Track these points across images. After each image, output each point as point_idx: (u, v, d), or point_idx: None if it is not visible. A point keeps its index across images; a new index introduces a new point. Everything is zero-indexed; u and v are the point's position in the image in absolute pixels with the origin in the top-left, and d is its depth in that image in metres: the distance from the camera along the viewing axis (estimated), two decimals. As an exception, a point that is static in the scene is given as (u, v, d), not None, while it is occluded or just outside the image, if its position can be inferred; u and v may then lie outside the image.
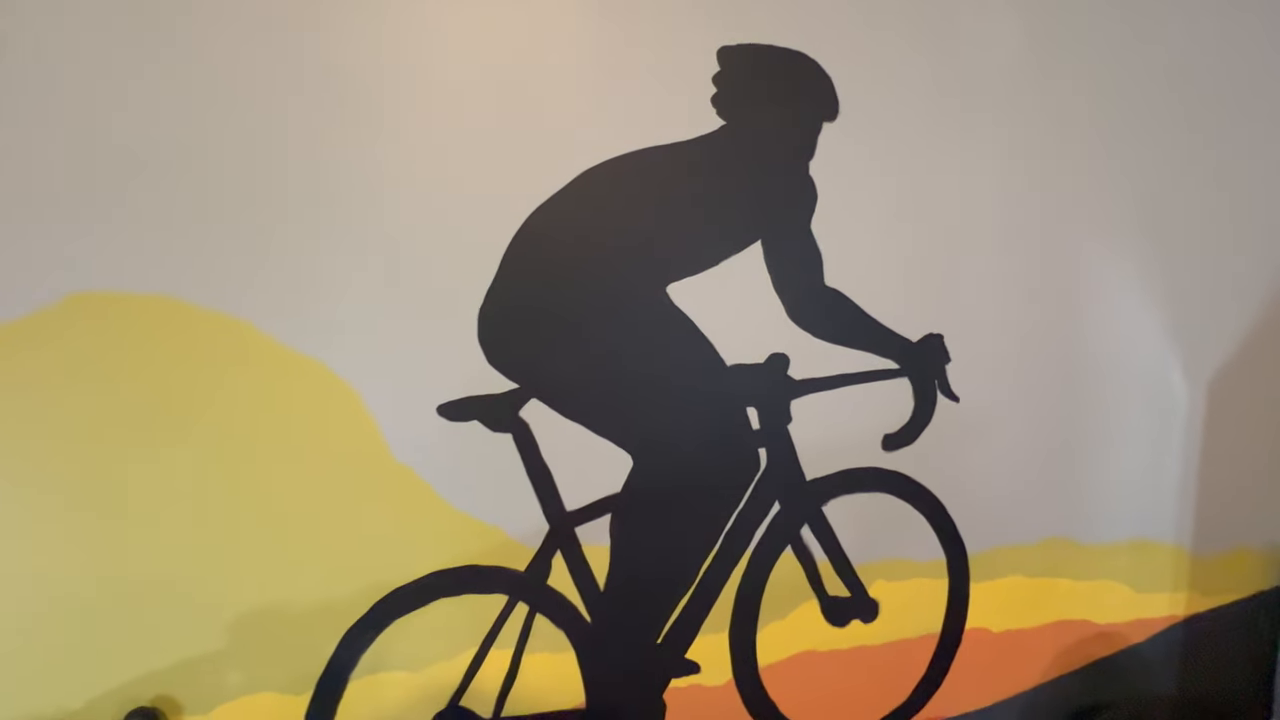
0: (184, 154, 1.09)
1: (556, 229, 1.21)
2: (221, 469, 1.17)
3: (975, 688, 1.49)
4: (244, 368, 1.16)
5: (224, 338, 1.14)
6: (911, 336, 1.38)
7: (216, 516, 1.19)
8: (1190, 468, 1.47)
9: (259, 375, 1.16)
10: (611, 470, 1.31)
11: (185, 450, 1.16)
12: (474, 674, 1.30)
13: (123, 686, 1.18)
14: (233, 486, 1.18)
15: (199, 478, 1.17)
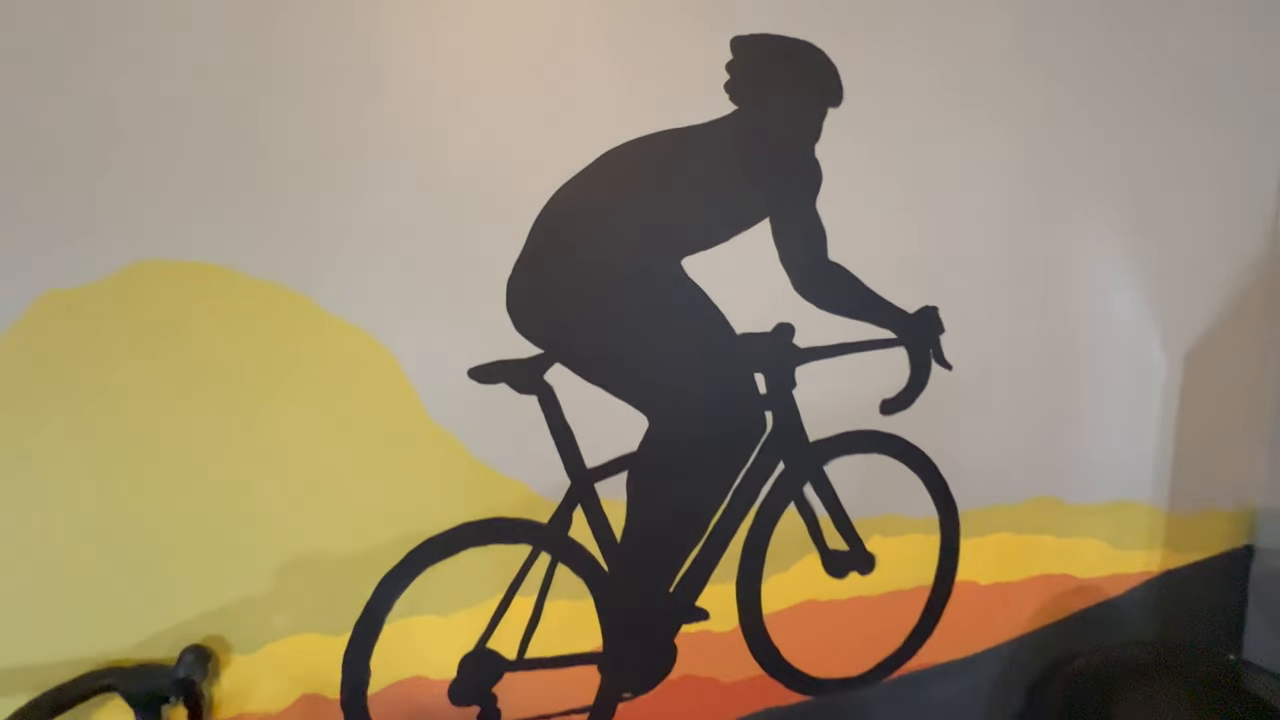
0: (236, 130, 1.18)
1: (580, 205, 1.30)
2: (270, 427, 1.26)
3: (964, 636, 1.60)
4: (291, 333, 1.24)
5: (273, 305, 1.23)
6: (908, 308, 1.47)
7: (264, 471, 1.28)
8: (1167, 434, 1.57)
9: (305, 340, 1.25)
10: (628, 430, 1.40)
11: (237, 409, 1.25)
12: (500, 618, 1.40)
13: (178, 626, 1.27)
14: (280, 444, 1.27)
15: (249, 435, 1.26)
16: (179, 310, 1.21)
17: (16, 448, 1.18)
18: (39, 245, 1.15)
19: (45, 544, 1.21)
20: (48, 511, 1.20)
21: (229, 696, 1.32)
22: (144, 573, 1.26)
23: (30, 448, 1.18)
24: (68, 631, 1.25)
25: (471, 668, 1.40)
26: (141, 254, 1.18)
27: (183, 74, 1.15)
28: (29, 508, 1.20)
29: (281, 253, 1.23)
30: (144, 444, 1.23)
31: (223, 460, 1.26)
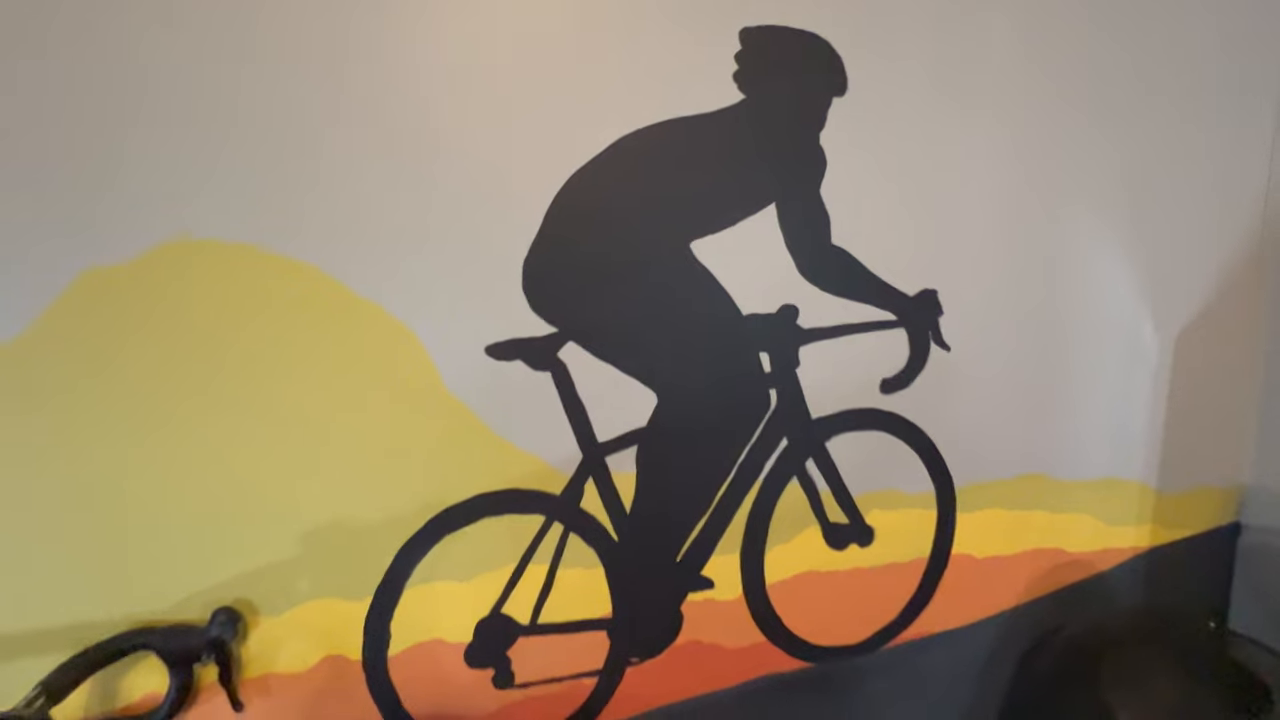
0: (271, 115, 1.24)
1: (593, 190, 1.36)
2: (297, 401, 1.33)
3: (958, 607, 1.67)
4: (318, 312, 1.31)
5: (302, 284, 1.29)
6: (909, 291, 1.53)
7: (289, 442, 1.34)
8: (1158, 413, 1.64)
9: (332, 319, 1.31)
10: (638, 406, 1.46)
11: (265, 383, 1.31)
12: (514, 585, 1.46)
13: (208, 589, 1.34)
14: (306, 417, 1.33)
15: (277, 408, 1.32)
16: (211, 287, 1.27)
17: (58, 418, 1.25)
18: (80, 224, 1.21)
19: (85, 512, 1.28)
20: (87, 481, 1.27)
21: (256, 657, 1.39)
22: (177, 539, 1.33)
23: (71, 419, 1.25)
24: (107, 594, 1.32)
25: (487, 632, 1.46)
26: (176, 233, 1.24)
27: (220, 59, 1.21)
28: (70, 478, 1.27)
29: (311, 235, 1.29)
30: (177, 416, 1.30)
31: (251, 432, 1.33)
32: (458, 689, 1.48)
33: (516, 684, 1.50)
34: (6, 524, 1.25)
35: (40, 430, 1.25)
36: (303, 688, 1.42)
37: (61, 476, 1.27)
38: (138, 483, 1.30)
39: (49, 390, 1.25)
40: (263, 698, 1.41)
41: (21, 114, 1.18)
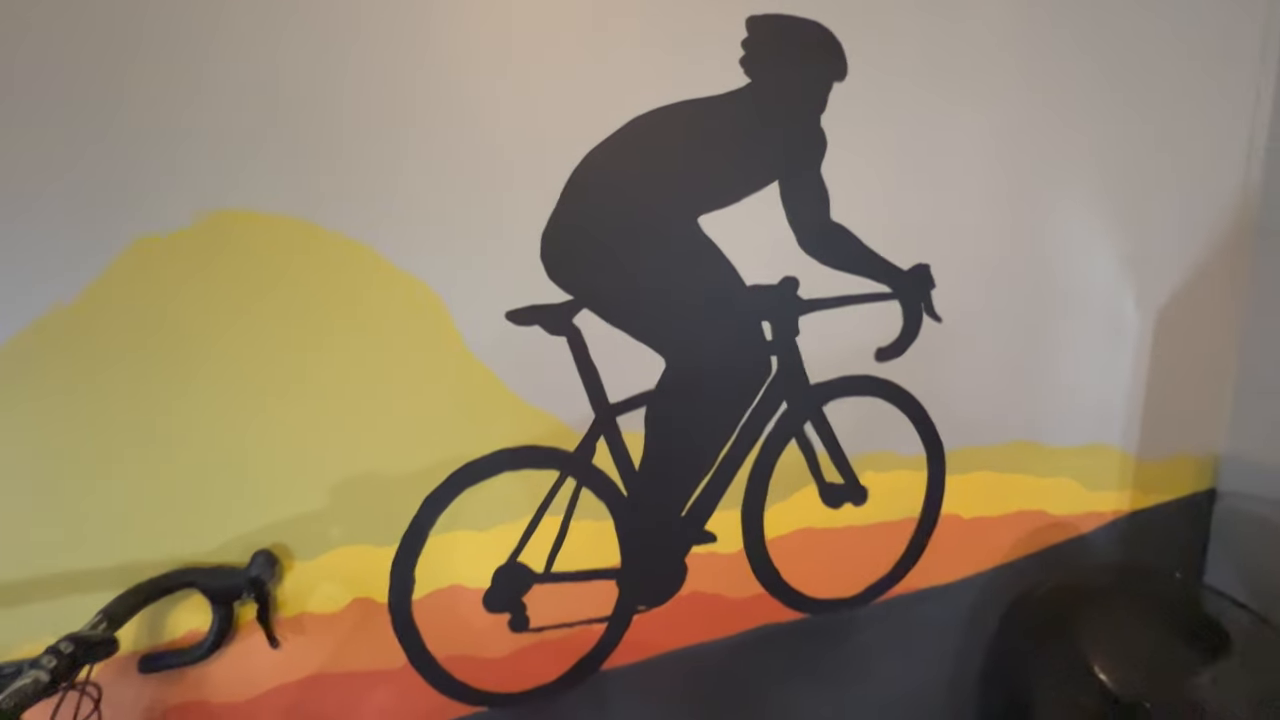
0: (313, 93, 1.34)
1: (608, 167, 1.45)
2: (331, 361, 1.43)
3: (946, 565, 1.76)
4: (352, 278, 1.41)
5: (338, 252, 1.40)
6: (903, 265, 1.61)
7: (326, 400, 1.44)
8: (1139, 384, 1.71)
9: (365, 285, 1.42)
10: (647, 370, 1.56)
11: (304, 344, 1.42)
12: (530, 535, 1.57)
13: (248, 534, 1.45)
14: (340, 376, 1.44)
15: (314, 368, 1.43)
16: (254, 256, 1.38)
17: (113, 375, 1.37)
18: (135, 195, 1.32)
19: (137, 462, 1.39)
20: (140, 433, 1.38)
21: (291, 598, 1.50)
22: (221, 487, 1.44)
23: (124, 376, 1.37)
24: (157, 537, 1.43)
25: (504, 579, 1.57)
26: (223, 204, 1.35)
27: (262, 44, 1.32)
28: (124, 430, 1.38)
29: (347, 206, 1.39)
30: (221, 375, 1.40)
31: (290, 389, 1.43)
32: (477, 631, 1.59)
33: (531, 628, 1.60)
34: (68, 474, 1.37)
35: (96, 386, 1.37)
36: (334, 627, 1.53)
37: (116, 429, 1.39)
38: (185, 435, 1.41)
39: (104, 349, 1.36)
40: (297, 636, 1.52)
41: (82, 92, 1.29)
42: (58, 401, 1.38)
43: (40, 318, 1.35)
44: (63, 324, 1.36)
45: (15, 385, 1.35)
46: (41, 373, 1.37)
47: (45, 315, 1.34)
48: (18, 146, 1.30)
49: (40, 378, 1.37)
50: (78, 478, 1.40)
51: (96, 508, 1.41)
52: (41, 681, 1.10)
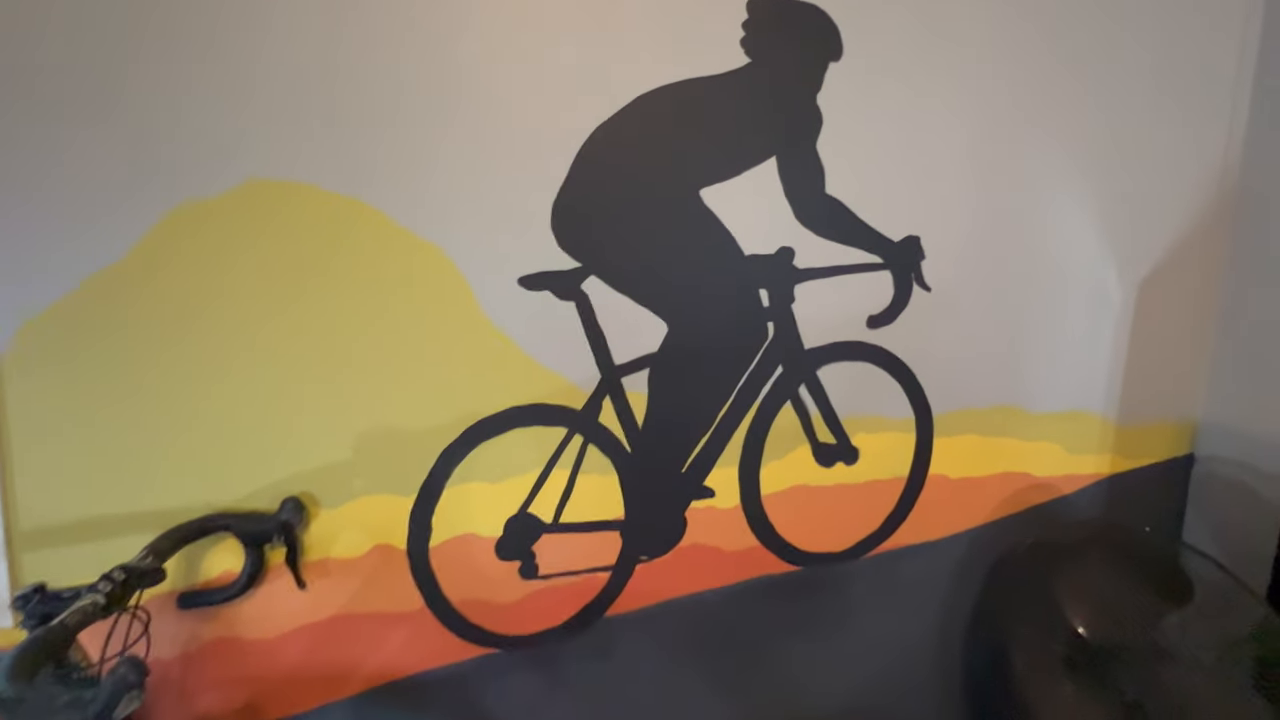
0: (339, 71, 1.46)
1: (615, 141, 1.55)
2: (356, 322, 1.55)
3: (934, 522, 1.84)
4: (376, 244, 1.53)
5: (362, 220, 1.52)
6: (894, 237, 1.70)
7: (350, 359, 1.56)
8: (1119, 354, 1.78)
9: (386, 250, 1.53)
10: (651, 334, 1.65)
11: (330, 306, 1.53)
12: (539, 488, 1.67)
13: (279, 483, 1.58)
14: (363, 336, 1.55)
15: (340, 328, 1.54)
16: (285, 221, 1.50)
17: (157, 330, 1.49)
18: (178, 164, 1.45)
19: (180, 415, 1.52)
20: (181, 387, 1.51)
21: (316, 543, 1.62)
22: (253, 439, 1.56)
23: (168, 332, 1.49)
24: (196, 484, 1.55)
25: (515, 528, 1.68)
26: (257, 173, 1.47)
27: (296, 28, 1.44)
28: (167, 384, 1.51)
29: (371, 176, 1.50)
30: (256, 333, 1.52)
31: (318, 349, 1.55)
32: (489, 577, 1.70)
33: (540, 575, 1.71)
34: (117, 425, 1.50)
35: (141, 340, 1.50)
36: (356, 571, 1.65)
37: (159, 383, 1.51)
38: (221, 389, 1.53)
39: (149, 305, 1.48)
40: (321, 578, 1.64)
41: (133, 70, 1.42)
42: (107, 356, 1.50)
43: (91, 276, 1.47)
44: (110, 282, 1.48)
45: (69, 340, 1.48)
46: (92, 329, 1.49)
47: (96, 273, 1.47)
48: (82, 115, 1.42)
49: (91, 334, 1.49)
50: (125, 428, 1.52)
51: (141, 456, 1.53)
52: (98, 604, 1.23)
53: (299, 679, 1.69)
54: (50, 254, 1.46)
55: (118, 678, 1.05)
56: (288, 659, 1.68)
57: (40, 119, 1.42)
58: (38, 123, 1.43)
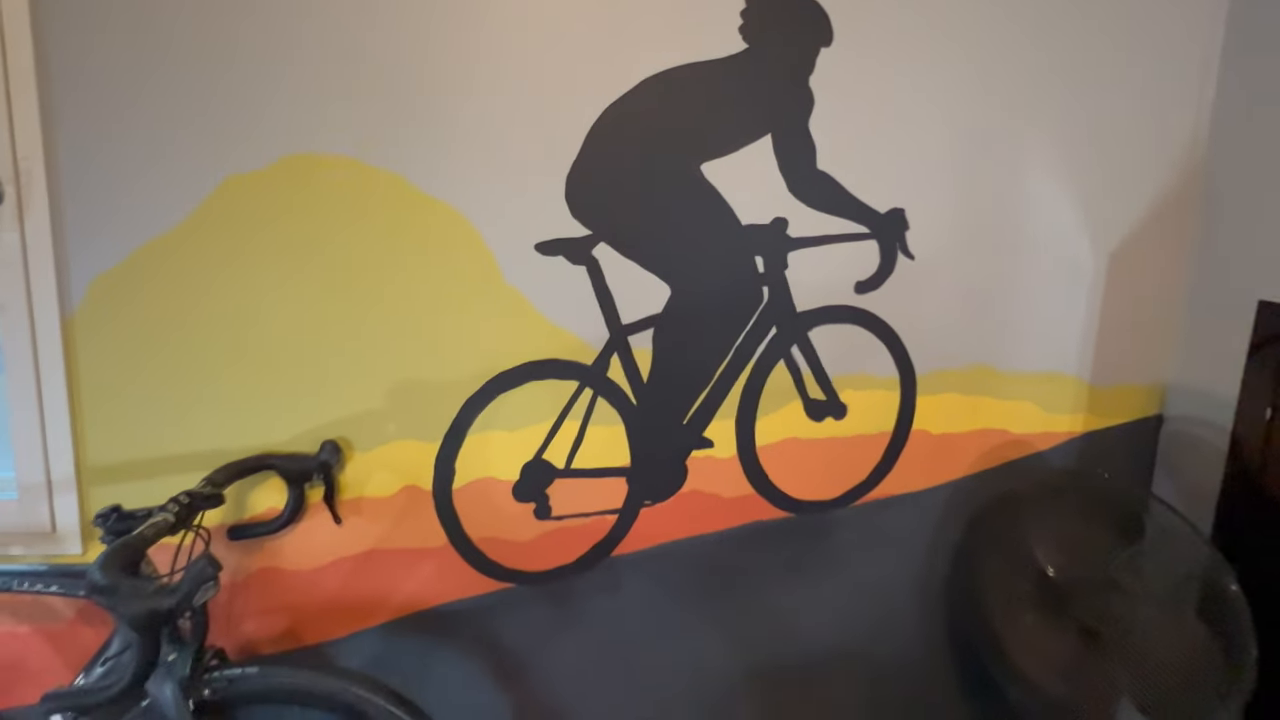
0: (369, 53, 1.64)
1: (624, 119, 1.71)
2: (386, 284, 1.73)
3: (917, 475, 1.98)
4: (404, 212, 1.70)
5: (392, 190, 1.70)
6: (880, 209, 1.83)
7: (382, 317, 1.74)
8: (1093, 319, 1.91)
9: (415, 218, 1.71)
10: (655, 296, 1.82)
11: (362, 269, 1.72)
12: (553, 436, 1.84)
13: (317, 428, 1.77)
14: (393, 296, 1.73)
15: (372, 289, 1.73)
16: (321, 192, 1.68)
17: (206, 294, 1.69)
18: (226, 140, 1.65)
19: (230, 365, 1.72)
20: (228, 342, 1.71)
21: (351, 483, 1.82)
22: (296, 389, 1.75)
23: (216, 295, 1.70)
24: (245, 428, 1.76)
25: (530, 473, 1.86)
26: (294, 148, 1.67)
27: (331, 11, 1.63)
28: (216, 341, 1.71)
29: (401, 150, 1.68)
30: (298, 295, 1.71)
31: (353, 308, 1.73)
32: (507, 517, 1.88)
33: (553, 516, 1.89)
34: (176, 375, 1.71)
35: (194, 300, 1.70)
36: (386, 510, 1.85)
37: (211, 337, 1.71)
38: (267, 342, 1.73)
39: (201, 268, 1.69)
40: (355, 515, 1.84)
41: (187, 53, 1.62)
42: (164, 314, 1.71)
43: (149, 242, 1.68)
44: (167, 248, 1.69)
45: (131, 300, 1.69)
46: (151, 290, 1.70)
47: (154, 240, 1.68)
48: (140, 101, 1.62)
49: (150, 295, 1.70)
50: (181, 378, 1.73)
51: (196, 403, 1.74)
52: (168, 520, 1.44)
53: (334, 608, 1.89)
54: (115, 225, 1.67)
55: (197, 569, 1.26)
56: (324, 589, 1.88)
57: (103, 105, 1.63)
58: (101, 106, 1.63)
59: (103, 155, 1.65)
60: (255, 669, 1.54)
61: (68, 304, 1.70)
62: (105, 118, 1.63)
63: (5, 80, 1.60)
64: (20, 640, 1.83)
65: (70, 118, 1.62)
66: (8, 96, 1.61)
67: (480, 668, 1.96)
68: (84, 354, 1.72)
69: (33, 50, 1.60)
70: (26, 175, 1.64)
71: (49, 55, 1.60)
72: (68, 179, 1.65)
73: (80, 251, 1.68)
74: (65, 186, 1.66)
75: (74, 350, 1.72)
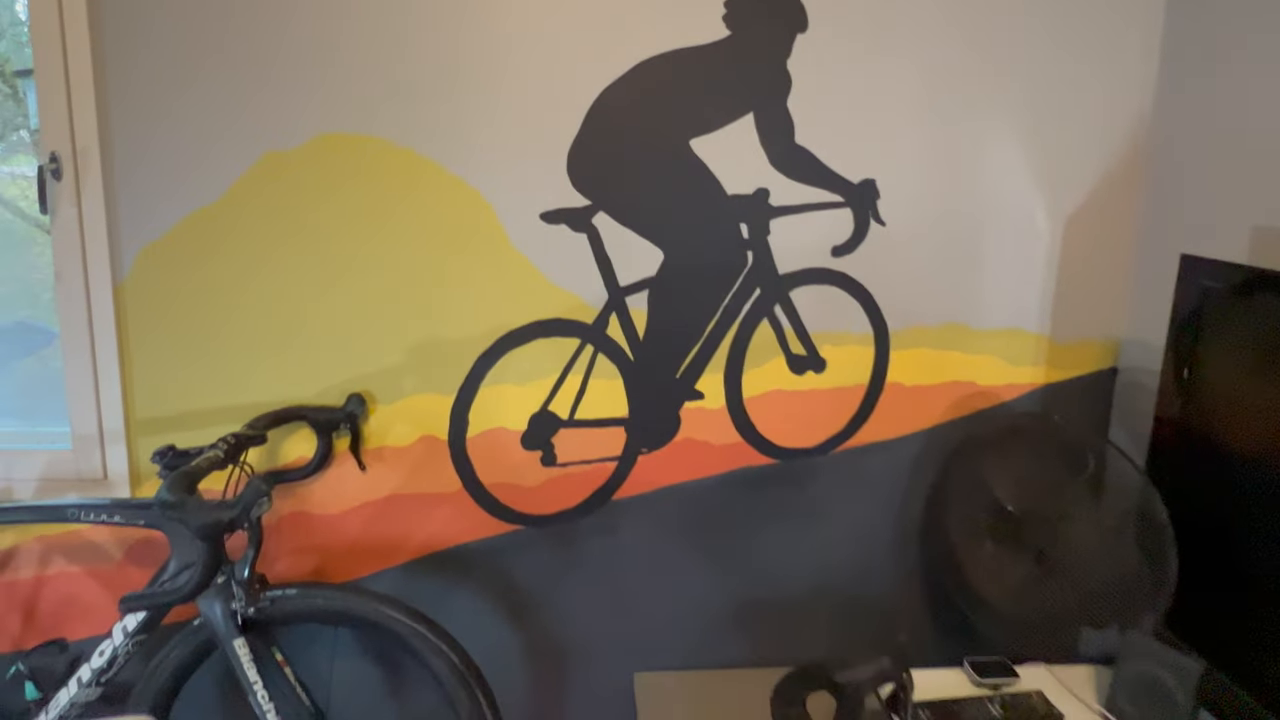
0: (395, 41, 1.86)
1: (620, 100, 1.93)
2: (406, 250, 1.96)
3: (891, 424, 2.18)
4: (421, 186, 1.93)
5: (410, 166, 1.92)
6: (853, 179, 2.03)
7: (402, 280, 1.97)
8: (1050, 279, 2.12)
9: (431, 191, 1.93)
10: (650, 260, 2.03)
11: (384, 238, 1.95)
12: (557, 389, 2.06)
13: (342, 382, 2.01)
14: (412, 261, 1.96)
15: (393, 256, 1.96)
16: (347, 168, 1.91)
17: (245, 262, 1.93)
18: (263, 120, 1.88)
19: (264, 326, 1.96)
20: (265, 307, 1.95)
21: (374, 433, 2.06)
22: (324, 346, 1.99)
23: (254, 263, 1.93)
24: (278, 383, 2.00)
25: (537, 423, 2.08)
26: (327, 128, 1.90)
27: (363, 5, 1.86)
28: (252, 306, 1.95)
29: (418, 128, 1.91)
30: (327, 260, 1.95)
31: (374, 272, 1.96)
32: (515, 464, 2.11)
33: (558, 463, 2.12)
34: (216, 335, 1.95)
35: (232, 267, 1.94)
36: (406, 458, 2.08)
37: (247, 301, 1.95)
38: (298, 305, 1.96)
39: (239, 238, 1.93)
40: (378, 463, 2.08)
41: (230, 40, 1.85)
42: (204, 280, 1.94)
43: (192, 213, 1.92)
44: (208, 220, 1.92)
45: (175, 268, 1.93)
46: (193, 258, 1.94)
47: (196, 212, 1.92)
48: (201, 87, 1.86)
49: (192, 262, 1.94)
50: (219, 339, 1.98)
51: (232, 361, 1.99)
52: (219, 456, 1.69)
53: (358, 548, 2.14)
54: (162, 199, 1.91)
55: (254, 486, 1.51)
56: (349, 531, 2.12)
57: (153, 89, 1.87)
58: (151, 91, 1.87)
59: (152, 135, 1.89)
60: (295, 590, 1.79)
61: (118, 272, 1.95)
62: (155, 101, 1.87)
63: (65, 70, 1.84)
64: (74, 579, 2.09)
65: (123, 102, 1.87)
66: (67, 84, 1.85)
67: (493, 602, 2.20)
68: (132, 318, 1.97)
69: (89, 41, 1.83)
70: (83, 155, 1.89)
71: (104, 45, 1.84)
72: (120, 158, 1.90)
73: (130, 224, 1.93)
74: (117, 165, 1.90)
75: (124, 314, 1.97)
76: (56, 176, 1.88)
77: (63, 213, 1.90)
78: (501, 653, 2.22)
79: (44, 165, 1.87)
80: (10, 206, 2.19)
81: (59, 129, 1.87)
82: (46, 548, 2.07)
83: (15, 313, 2.27)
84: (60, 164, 1.87)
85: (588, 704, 2.30)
